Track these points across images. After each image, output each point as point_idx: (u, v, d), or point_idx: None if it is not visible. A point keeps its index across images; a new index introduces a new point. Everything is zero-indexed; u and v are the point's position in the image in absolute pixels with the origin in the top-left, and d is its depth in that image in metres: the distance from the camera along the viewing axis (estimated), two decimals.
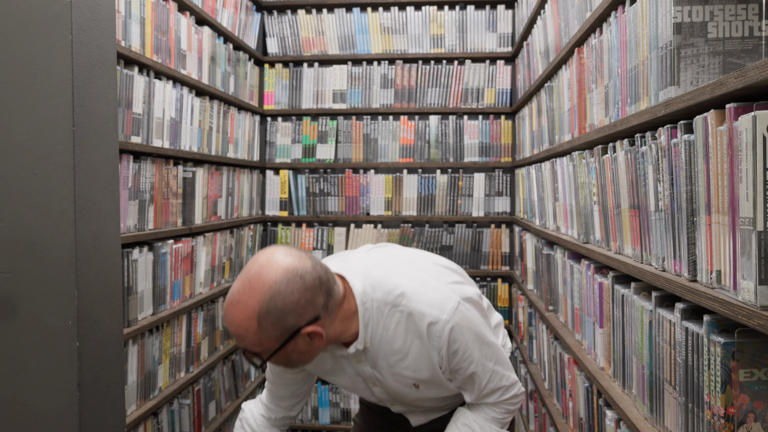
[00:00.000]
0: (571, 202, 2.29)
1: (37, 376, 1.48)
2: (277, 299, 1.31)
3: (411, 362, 1.53)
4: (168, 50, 2.70)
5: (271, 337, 1.34)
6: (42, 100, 1.47)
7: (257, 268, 1.34)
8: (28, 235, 1.47)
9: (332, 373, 1.65)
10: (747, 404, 1.03)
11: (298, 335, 1.36)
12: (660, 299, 1.36)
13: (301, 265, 1.35)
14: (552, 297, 2.68)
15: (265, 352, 1.37)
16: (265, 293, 1.31)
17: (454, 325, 1.48)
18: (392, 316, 1.48)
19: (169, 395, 2.62)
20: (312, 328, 1.36)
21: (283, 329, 1.33)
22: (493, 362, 1.57)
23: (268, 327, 1.32)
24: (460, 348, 1.50)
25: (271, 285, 1.31)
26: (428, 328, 1.47)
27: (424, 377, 1.55)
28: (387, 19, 4.12)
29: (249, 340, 1.34)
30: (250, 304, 1.31)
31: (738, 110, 0.99)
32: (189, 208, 2.92)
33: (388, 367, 1.55)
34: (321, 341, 1.39)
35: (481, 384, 1.57)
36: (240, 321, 1.32)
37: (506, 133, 4.10)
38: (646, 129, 1.49)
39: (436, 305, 1.48)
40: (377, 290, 1.48)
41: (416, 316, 1.47)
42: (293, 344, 1.37)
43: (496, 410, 1.63)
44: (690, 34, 1.25)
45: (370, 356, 1.54)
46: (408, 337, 1.50)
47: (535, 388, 3.07)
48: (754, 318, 0.92)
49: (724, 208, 1.05)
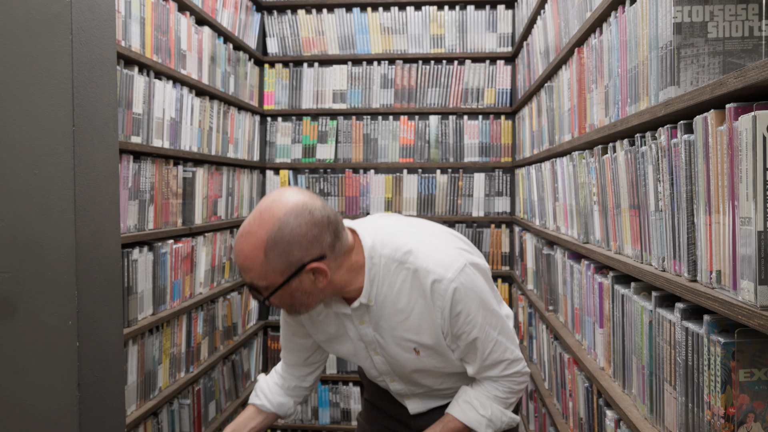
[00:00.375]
0: (571, 202, 2.29)
1: (37, 376, 1.48)
2: (285, 230, 1.35)
3: (413, 323, 1.52)
4: (168, 50, 2.70)
5: (276, 271, 1.37)
6: (42, 100, 1.47)
7: (269, 202, 1.39)
8: (28, 235, 1.47)
9: (335, 340, 1.64)
10: (747, 404, 1.03)
11: (302, 271, 1.39)
12: (660, 299, 1.36)
13: (311, 202, 1.39)
14: (552, 297, 2.68)
15: (270, 287, 1.40)
16: (273, 224, 1.35)
17: (458, 286, 1.47)
18: (398, 274, 1.50)
19: (169, 395, 2.62)
20: (317, 265, 1.39)
21: (289, 263, 1.37)
22: (497, 332, 1.55)
23: (275, 259, 1.36)
24: (463, 310, 1.49)
25: (280, 217, 1.36)
26: (432, 285, 1.47)
27: (425, 342, 1.53)
28: (387, 19, 4.12)
29: (255, 273, 1.38)
30: (259, 235, 1.36)
31: (738, 110, 0.99)
32: (189, 208, 2.92)
33: (390, 329, 1.54)
34: (325, 281, 1.42)
35: (483, 353, 1.54)
36: (248, 252, 1.37)
37: (506, 133, 4.10)
38: (646, 129, 1.49)
39: (442, 264, 1.48)
40: (386, 247, 1.50)
41: (421, 273, 1.48)
42: (297, 281, 1.40)
43: (498, 388, 1.60)
44: (690, 34, 1.25)
45: (373, 316, 1.54)
46: (412, 295, 1.50)
47: (535, 388, 3.07)
48: (754, 318, 0.92)
49: (724, 208, 1.05)
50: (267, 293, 1.42)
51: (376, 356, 1.62)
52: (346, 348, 1.65)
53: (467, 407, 1.59)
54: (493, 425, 1.59)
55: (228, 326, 3.53)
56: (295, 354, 1.76)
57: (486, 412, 1.58)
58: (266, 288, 1.41)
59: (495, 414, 1.59)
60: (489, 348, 1.55)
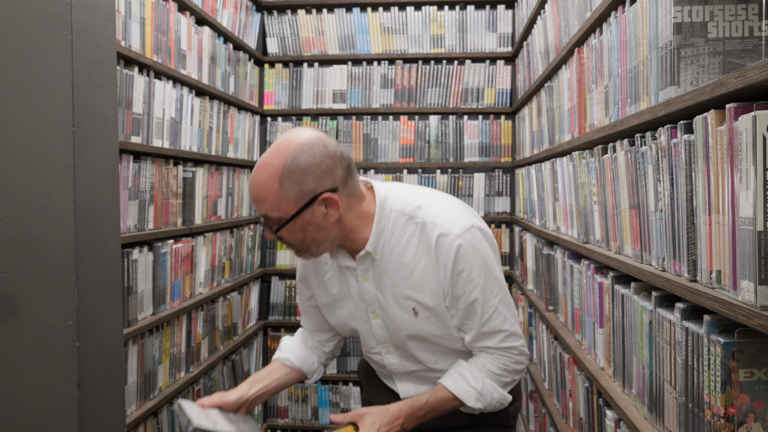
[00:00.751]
0: (571, 202, 2.29)
1: (37, 376, 1.48)
2: (299, 159, 1.41)
3: (416, 280, 1.53)
4: (168, 50, 2.70)
5: (290, 200, 1.42)
6: (42, 100, 1.47)
7: (285, 136, 1.46)
8: (28, 235, 1.47)
9: (338, 303, 1.65)
10: (747, 404, 1.03)
11: (315, 202, 1.43)
12: (660, 299, 1.36)
13: (325, 137, 1.46)
14: (552, 297, 2.68)
15: (283, 218, 1.44)
16: (289, 154, 1.42)
17: (463, 243, 1.49)
18: (407, 228, 1.53)
19: (169, 395, 2.62)
20: (329, 195, 1.43)
21: (302, 192, 1.42)
22: (498, 300, 1.54)
23: (289, 187, 1.41)
24: (466, 269, 1.49)
25: (295, 147, 1.42)
26: (438, 240, 1.49)
27: (425, 301, 1.53)
28: (387, 19, 4.12)
29: (269, 203, 1.43)
30: (274, 165, 1.42)
31: (738, 110, 0.99)
32: (189, 208, 2.92)
33: (392, 286, 1.55)
34: (337, 215, 1.46)
35: (482, 317, 1.53)
36: (263, 181, 1.42)
37: (506, 133, 4.10)
38: (646, 129, 1.49)
39: (450, 220, 1.52)
40: (398, 201, 1.55)
41: (429, 227, 1.51)
42: (310, 213, 1.44)
43: (493, 362, 1.57)
44: (690, 34, 1.25)
45: (377, 271, 1.56)
46: (418, 251, 1.52)
47: (535, 388, 3.07)
48: (754, 318, 0.92)
49: (724, 208, 1.05)
50: (279, 225, 1.44)
51: (375, 319, 1.62)
52: (347, 310, 1.65)
53: (459, 378, 1.56)
54: (483, 399, 1.55)
55: (228, 326, 3.53)
56: (312, 318, 1.79)
57: (477, 384, 1.55)
58: (279, 219, 1.44)
59: (486, 388, 1.55)
60: (488, 314, 1.53)
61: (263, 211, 1.45)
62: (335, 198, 1.44)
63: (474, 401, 1.55)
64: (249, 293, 3.99)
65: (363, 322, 1.65)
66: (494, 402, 1.57)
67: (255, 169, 1.45)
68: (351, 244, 1.55)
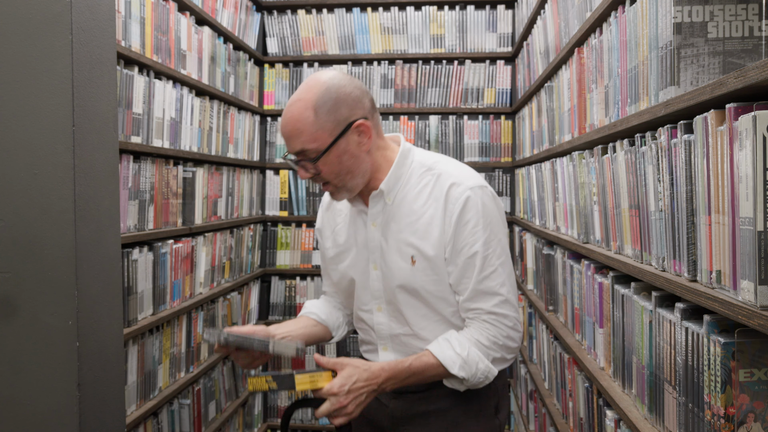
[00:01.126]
0: (571, 202, 2.29)
1: (37, 376, 1.48)
2: (331, 90, 1.49)
3: (421, 226, 1.55)
4: (168, 50, 2.70)
5: (325, 130, 1.48)
6: (42, 100, 1.47)
7: (312, 75, 1.55)
8: (28, 235, 1.47)
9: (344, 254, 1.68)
10: (747, 404, 1.03)
11: (349, 130, 1.50)
12: (660, 299, 1.36)
13: (348, 75, 1.57)
14: (552, 297, 2.68)
15: (320, 148, 1.49)
16: (320, 87, 1.50)
17: (472, 195, 1.52)
18: (423, 178, 1.58)
19: (169, 395, 2.62)
20: (362, 122, 1.51)
21: (336, 121, 1.49)
22: (499, 262, 1.54)
23: (323, 116, 1.48)
24: (471, 220, 1.52)
25: (325, 80, 1.51)
26: (449, 188, 1.54)
27: (426, 250, 1.54)
28: (387, 19, 4.12)
29: (306, 135, 1.48)
30: (307, 98, 1.49)
31: (738, 110, 0.99)
32: (189, 208, 2.92)
33: (397, 231, 1.58)
34: (369, 143, 1.53)
35: (480, 273, 1.52)
36: (298, 114, 1.49)
37: (506, 133, 4.10)
38: (646, 129, 1.49)
39: (465, 175, 1.57)
40: (421, 155, 1.63)
41: (444, 176, 1.56)
42: (345, 142, 1.50)
43: (483, 333, 1.53)
44: (690, 34, 1.25)
45: (386, 217, 1.60)
46: (429, 199, 1.56)
47: (535, 388, 3.07)
48: (754, 318, 0.92)
49: (724, 208, 1.05)
50: (317, 155, 1.49)
51: (375, 270, 1.62)
52: (350, 260, 1.67)
53: (445, 344, 1.53)
54: (467, 368, 1.51)
55: (228, 326, 3.53)
56: (331, 287, 1.82)
57: (463, 352, 1.51)
58: (316, 150, 1.49)
59: (471, 357, 1.51)
60: (487, 271, 1.52)
61: (299, 146, 1.50)
62: (368, 125, 1.52)
63: (458, 369, 1.50)
64: (249, 293, 3.98)
65: (362, 272, 1.65)
66: (479, 374, 1.52)
67: (287, 107, 1.52)
68: (371, 184, 1.60)
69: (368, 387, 1.49)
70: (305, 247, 4.21)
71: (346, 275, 1.70)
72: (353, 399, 1.47)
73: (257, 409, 4.08)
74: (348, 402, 1.47)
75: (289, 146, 1.53)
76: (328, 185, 1.56)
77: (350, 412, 1.47)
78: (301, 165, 1.53)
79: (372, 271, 1.63)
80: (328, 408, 1.46)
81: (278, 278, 4.24)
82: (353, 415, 1.48)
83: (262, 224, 4.23)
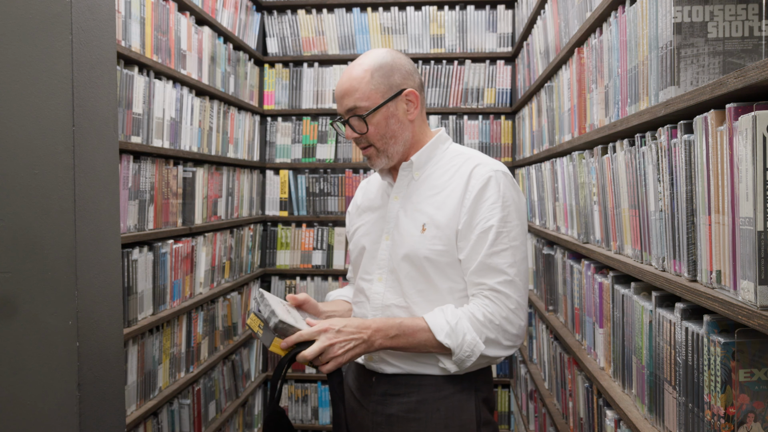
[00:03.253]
0: (571, 202, 2.29)
1: (37, 376, 1.48)
2: (387, 58, 1.62)
3: (439, 199, 1.60)
4: (168, 50, 2.70)
5: (378, 91, 1.59)
6: (42, 100, 1.47)
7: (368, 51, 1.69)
8: (28, 235, 1.47)
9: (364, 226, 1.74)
10: (747, 404, 1.03)
11: (399, 97, 1.61)
12: (660, 299, 1.36)
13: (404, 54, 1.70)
14: (552, 297, 2.68)
15: (371, 106, 1.59)
16: (378, 54, 1.63)
17: (494, 175, 1.57)
18: (454, 160, 1.66)
19: (169, 395, 2.62)
20: (412, 90, 1.62)
21: (389, 85, 1.60)
22: (512, 244, 1.54)
23: (378, 79, 1.60)
24: (491, 197, 1.55)
25: (383, 51, 1.65)
26: (474, 167, 1.60)
27: (439, 219, 1.58)
28: (387, 19, 4.12)
29: (360, 93, 1.59)
30: (365, 62, 1.62)
31: (738, 110, 0.99)
32: (189, 208, 2.92)
33: (416, 202, 1.63)
34: (415, 112, 1.64)
35: (491, 247, 1.52)
36: (356, 74, 1.60)
37: (506, 133, 4.10)
38: (646, 129, 1.49)
39: (493, 161, 1.64)
40: (457, 145, 1.73)
41: (472, 160, 1.63)
42: (394, 105, 1.61)
43: (480, 308, 1.52)
44: (690, 34, 1.25)
45: (409, 191, 1.66)
46: (453, 177, 1.62)
47: (535, 388, 3.07)
48: (754, 318, 0.92)
49: (724, 208, 1.05)
50: (367, 112, 1.58)
51: (386, 241, 1.66)
52: (365, 228, 1.73)
53: (438, 312, 1.54)
54: (453, 337, 1.49)
55: (228, 326, 3.53)
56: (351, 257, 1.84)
57: (452, 321, 1.50)
58: (367, 108, 1.59)
59: (460, 327, 1.50)
60: (498, 248, 1.53)
61: (351, 102, 1.59)
62: (416, 94, 1.63)
63: (444, 336, 1.49)
64: (249, 293, 3.98)
65: (374, 241, 1.69)
66: (465, 346, 1.50)
67: (346, 70, 1.64)
68: (406, 158, 1.67)
69: (358, 334, 1.50)
70: (305, 247, 4.21)
71: (358, 243, 1.74)
72: (343, 341, 1.48)
73: (257, 409, 4.08)
74: (337, 341, 1.48)
75: (341, 105, 1.62)
76: (370, 148, 1.64)
77: (338, 355, 1.48)
78: (350, 123, 1.61)
79: (383, 242, 1.66)
80: (316, 348, 1.46)
81: (278, 278, 4.24)
82: (341, 360, 1.48)
83: (262, 224, 4.24)
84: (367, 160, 1.68)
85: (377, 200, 1.75)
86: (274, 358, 4.20)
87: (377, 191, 1.77)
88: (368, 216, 1.75)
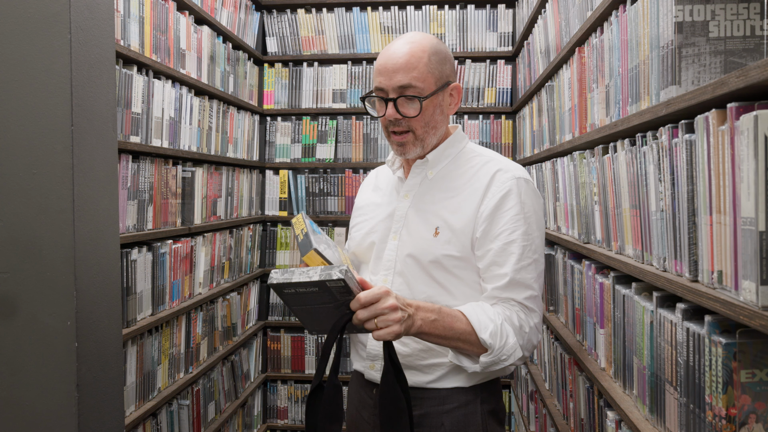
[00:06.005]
0: (571, 202, 2.28)
1: (36, 376, 1.47)
2: (441, 45, 1.55)
3: (455, 203, 1.53)
4: (167, 49, 2.70)
5: (434, 76, 1.52)
6: (40, 100, 1.46)
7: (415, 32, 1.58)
8: (27, 235, 1.47)
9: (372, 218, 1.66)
10: (748, 405, 1.03)
11: (447, 87, 1.55)
12: (661, 299, 1.36)
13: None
14: (552, 297, 2.68)
15: (425, 90, 1.51)
16: (433, 39, 1.55)
17: (517, 184, 1.51)
18: (472, 160, 1.60)
19: (168, 396, 2.61)
20: (457, 84, 1.58)
21: (441, 74, 1.53)
22: (533, 258, 1.48)
23: (435, 64, 1.51)
24: (514, 208, 1.49)
25: (434, 38, 1.57)
26: (495, 173, 1.54)
27: (453, 223, 1.51)
28: (387, 18, 4.11)
29: (418, 72, 1.49)
30: (423, 42, 1.52)
31: (739, 110, 0.99)
32: (188, 208, 2.92)
33: (430, 203, 1.56)
34: (455, 107, 1.59)
35: (519, 261, 1.46)
36: (415, 50, 1.50)
37: (507, 132, 4.10)
38: (647, 129, 1.49)
39: (514, 166, 1.58)
40: (474, 144, 1.66)
41: (493, 163, 1.57)
42: (441, 96, 1.55)
43: (515, 314, 1.47)
44: (691, 34, 1.25)
45: (421, 190, 1.60)
46: (472, 180, 1.56)
47: (535, 388, 3.07)
48: (756, 318, 0.91)
49: (725, 208, 1.04)
50: (425, 94, 1.50)
51: (392, 241, 1.59)
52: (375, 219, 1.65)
53: (477, 307, 1.45)
54: (498, 337, 1.42)
55: (227, 327, 3.53)
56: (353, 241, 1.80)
57: (497, 320, 1.43)
58: (422, 90, 1.50)
59: (505, 330, 1.43)
60: (524, 262, 1.47)
61: (407, 80, 1.49)
62: (461, 89, 1.58)
63: (488, 336, 1.40)
64: (248, 293, 3.98)
65: (381, 240, 1.62)
66: (506, 348, 1.43)
67: (393, 47, 1.51)
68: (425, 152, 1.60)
69: (407, 309, 1.35)
70: None
71: (365, 239, 1.66)
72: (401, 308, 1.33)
73: (257, 409, 4.07)
74: (400, 306, 1.32)
75: (391, 80, 1.49)
76: (408, 134, 1.54)
77: (398, 320, 1.31)
78: (400, 102, 1.50)
79: (390, 241, 1.60)
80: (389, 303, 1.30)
81: None
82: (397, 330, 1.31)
83: (261, 224, 4.23)
84: (398, 146, 1.56)
85: (386, 195, 1.68)
86: (274, 358, 4.20)
87: (387, 185, 1.70)
88: (374, 211, 1.68)
